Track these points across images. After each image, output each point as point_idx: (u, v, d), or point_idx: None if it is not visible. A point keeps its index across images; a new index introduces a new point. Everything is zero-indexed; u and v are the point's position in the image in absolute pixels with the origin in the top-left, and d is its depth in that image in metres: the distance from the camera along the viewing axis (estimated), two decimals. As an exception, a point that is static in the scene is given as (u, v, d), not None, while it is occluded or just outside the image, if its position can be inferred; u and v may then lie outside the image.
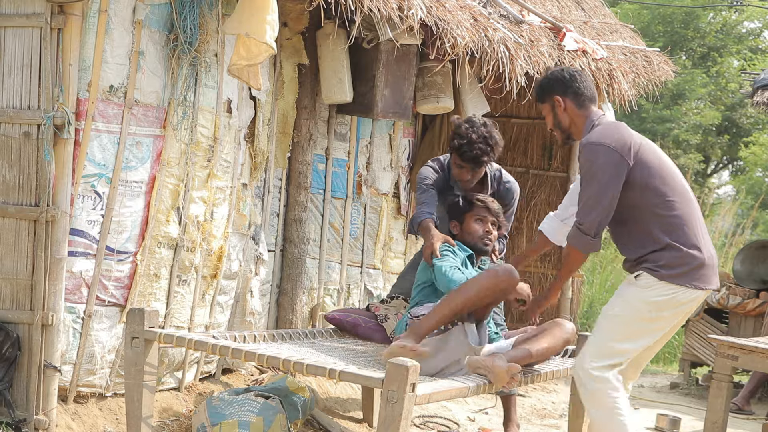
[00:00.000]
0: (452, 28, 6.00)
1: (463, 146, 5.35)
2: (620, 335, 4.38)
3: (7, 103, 4.72)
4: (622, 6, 19.42)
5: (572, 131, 4.55)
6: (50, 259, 4.69)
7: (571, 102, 4.50)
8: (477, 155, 5.34)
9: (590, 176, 4.32)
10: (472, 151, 5.33)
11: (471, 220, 5.26)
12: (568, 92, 4.51)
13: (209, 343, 4.55)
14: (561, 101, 4.51)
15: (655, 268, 4.33)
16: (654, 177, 4.34)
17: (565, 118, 4.52)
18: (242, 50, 4.91)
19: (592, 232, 4.39)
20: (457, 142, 5.38)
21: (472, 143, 5.34)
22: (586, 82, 4.55)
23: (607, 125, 4.43)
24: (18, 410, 4.70)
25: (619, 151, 4.29)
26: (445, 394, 4.34)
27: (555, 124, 4.56)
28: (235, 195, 5.54)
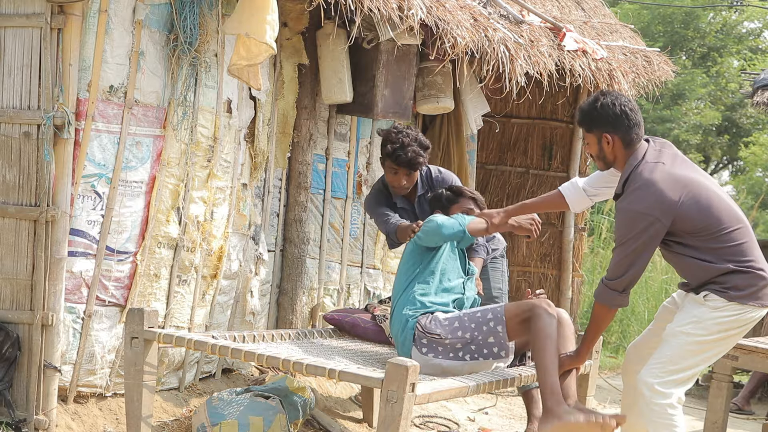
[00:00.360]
0: (452, 28, 6.00)
1: (397, 150, 5.41)
2: (690, 354, 4.33)
3: (7, 103, 4.73)
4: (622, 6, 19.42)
5: (615, 165, 4.46)
6: (50, 259, 4.69)
7: (619, 141, 4.38)
8: (412, 158, 5.40)
9: (625, 239, 4.26)
10: (407, 155, 5.39)
11: (457, 212, 5.15)
12: (619, 131, 4.38)
13: (209, 343, 4.55)
14: (610, 138, 4.39)
15: (723, 290, 4.28)
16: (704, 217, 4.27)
17: (610, 154, 4.42)
18: (242, 50, 4.91)
19: (621, 289, 4.35)
20: (390, 147, 5.44)
21: (405, 146, 5.40)
22: (637, 117, 4.41)
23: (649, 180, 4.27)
24: (18, 410, 4.70)
25: (659, 217, 4.22)
26: (444, 394, 4.34)
27: (599, 155, 4.46)
28: (235, 195, 5.54)
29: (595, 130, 4.40)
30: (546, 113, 8.40)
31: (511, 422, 6.67)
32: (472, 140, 7.42)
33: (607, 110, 4.37)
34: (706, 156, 21.26)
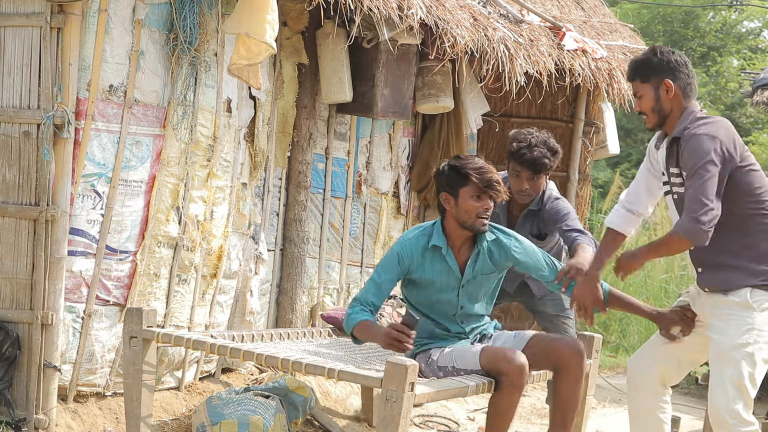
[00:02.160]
0: (452, 28, 6.00)
1: (522, 148, 5.16)
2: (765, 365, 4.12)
3: (7, 102, 4.73)
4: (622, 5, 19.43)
5: (668, 120, 4.23)
6: (50, 258, 4.69)
7: (679, 90, 4.19)
8: (537, 158, 5.13)
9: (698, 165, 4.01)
10: (532, 154, 5.14)
11: (467, 195, 4.50)
12: (680, 79, 4.21)
13: (208, 342, 4.56)
14: (671, 86, 4.18)
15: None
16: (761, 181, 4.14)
17: (667, 104, 4.20)
18: (242, 50, 4.91)
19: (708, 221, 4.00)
20: (516, 145, 5.19)
21: (531, 146, 5.15)
22: (693, 72, 4.29)
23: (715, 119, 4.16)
24: (18, 409, 4.70)
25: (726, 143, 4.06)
26: (443, 394, 4.35)
27: (654, 108, 4.22)
28: (234, 194, 5.54)
29: (654, 78, 4.20)
30: (546, 113, 8.40)
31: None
32: (471, 140, 7.43)
33: (668, 57, 4.23)
34: (705, 155, 21.23)
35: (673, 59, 4.22)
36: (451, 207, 4.54)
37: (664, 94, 4.20)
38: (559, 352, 4.55)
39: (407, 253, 4.54)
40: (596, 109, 8.25)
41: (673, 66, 4.21)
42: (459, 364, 4.54)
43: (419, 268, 4.56)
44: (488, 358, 4.46)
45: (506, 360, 4.39)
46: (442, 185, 4.57)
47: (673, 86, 4.19)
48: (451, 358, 4.56)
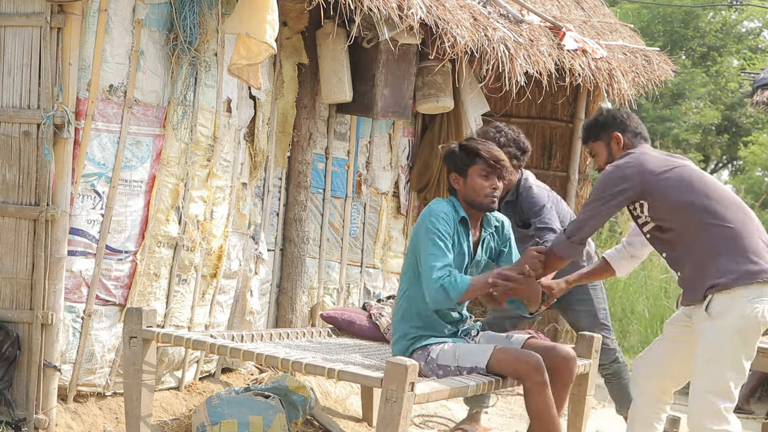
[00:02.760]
0: (452, 28, 6.00)
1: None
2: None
3: (7, 102, 4.73)
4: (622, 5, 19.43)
5: None
6: (50, 258, 4.69)
7: (628, 140, 4.53)
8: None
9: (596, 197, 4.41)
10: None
11: (476, 174, 4.60)
12: (627, 131, 4.55)
13: (207, 342, 4.56)
14: (619, 137, 4.53)
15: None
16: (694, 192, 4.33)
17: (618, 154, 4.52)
18: (242, 50, 4.91)
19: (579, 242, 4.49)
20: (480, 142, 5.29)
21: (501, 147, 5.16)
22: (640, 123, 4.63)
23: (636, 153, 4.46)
24: (18, 409, 4.70)
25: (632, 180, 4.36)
26: (444, 394, 4.34)
27: (608, 161, 4.53)
28: (234, 194, 5.54)
29: (603, 134, 4.56)
30: (546, 113, 8.40)
31: (511, 422, 6.68)
32: (471, 140, 7.43)
33: (612, 113, 4.60)
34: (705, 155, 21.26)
35: (618, 114, 4.61)
36: (461, 186, 4.64)
37: (615, 146, 4.56)
38: (553, 359, 4.55)
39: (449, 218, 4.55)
40: (596, 109, 8.25)
41: (619, 119, 4.58)
42: (463, 362, 4.52)
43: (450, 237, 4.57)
44: (501, 360, 4.48)
45: (521, 361, 4.44)
46: (453, 165, 4.67)
47: (622, 137, 4.54)
48: (454, 356, 4.54)
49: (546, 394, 4.41)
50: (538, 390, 4.41)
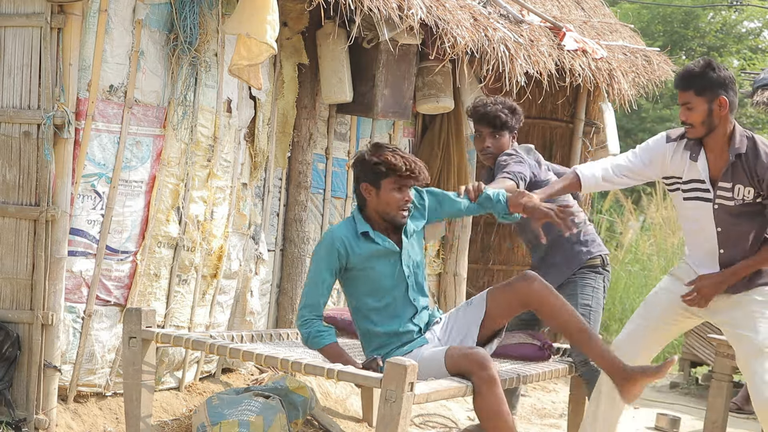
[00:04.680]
0: (452, 28, 6.00)
1: (478, 106, 5.29)
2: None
3: (7, 102, 4.73)
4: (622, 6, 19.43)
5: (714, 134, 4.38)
6: (50, 258, 4.69)
7: (729, 106, 4.34)
8: (490, 112, 5.22)
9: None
10: (486, 108, 5.24)
11: (389, 187, 4.40)
12: (731, 96, 4.35)
13: (207, 342, 4.55)
14: (725, 102, 4.33)
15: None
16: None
17: (717, 120, 4.34)
18: (243, 50, 4.91)
19: None
20: (472, 105, 5.35)
21: (486, 104, 5.27)
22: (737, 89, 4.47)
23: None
24: (18, 410, 4.70)
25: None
26: (443, 394, 4.34)
27: (705, 121, 4.34)
28: (235, 195, 5.54)
29: (710, 92, 4.32)
30: (546, 113, 8.40)
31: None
32: (471, 140, 7.42)
33: (725, 73, 4.34)
34: (705, 155, 21.24)
35: (729, 76, 4.35)
36: (372, 197, 4.45)
37: (717, 110, 4.33)
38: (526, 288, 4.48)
39: (339, 242, 4.41)
40: (596, 109, 8.26)
41: (729, 83, 4.33)
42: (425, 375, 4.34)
43: (353, 254, 4.43)
44: (452, 362, 4.36)
45: (467, 359, 4.28)
46: (364, 175, 4.44)
47: (727, 103, 4.31)
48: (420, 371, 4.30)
49: (495, 391, 4.19)
50: (487, 386, 4.20)
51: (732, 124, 4.38)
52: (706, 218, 4.44)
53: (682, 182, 4.48)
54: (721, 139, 4.38)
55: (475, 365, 4.25)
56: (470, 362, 4.27)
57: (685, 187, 4.48)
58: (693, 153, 4.43)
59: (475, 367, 4.25)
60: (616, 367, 4.46)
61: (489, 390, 4.21)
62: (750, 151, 4.35)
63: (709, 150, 4.41)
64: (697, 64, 4.38)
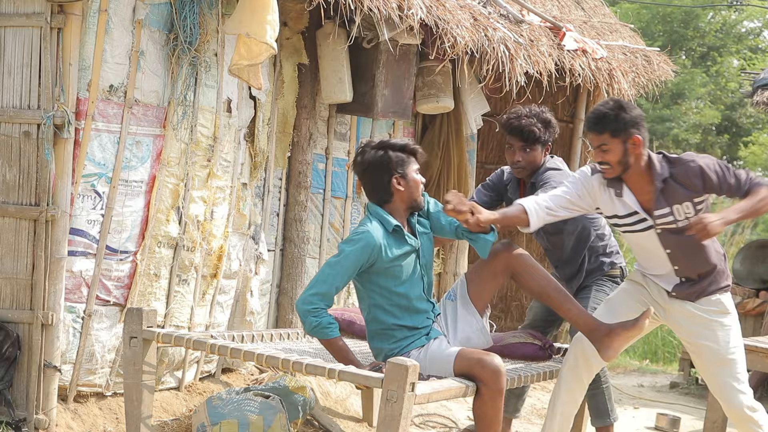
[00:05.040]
0: (452, 28, 6.00)
1: (511, 119, 5.18)
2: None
3: (7, 102, 4.73)
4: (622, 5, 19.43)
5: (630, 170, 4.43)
6: (50, 258, 4.69)
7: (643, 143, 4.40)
8: (524, 126, 5.11)
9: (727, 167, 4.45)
10: (520, 122, 5.13)
11: (412, 171, 4.56)
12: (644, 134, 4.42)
13: (208, 342, 4.55)
14: (639, 141, 4.38)
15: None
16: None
17: (632, 158, 4.40)
18: (243, 50, 4.91)
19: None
20: (506, 117, 5.23)
21: (519, 116, 5.16)
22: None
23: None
24: (18, 409, 4.70)
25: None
26: (444, 394, 4.34)
27: (621, 160, 4.40)
28: (235, 194, 5.54)
29: (623, 133, 4.37)
30: (546, 113, 8.39)
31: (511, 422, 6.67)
32: (472, 140, 7.43)
33: (635, 113, 4.41)
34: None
35: (639, 114, 4.44)
36: (404, 187, 4.54)
37: (632, 148, 4.39)
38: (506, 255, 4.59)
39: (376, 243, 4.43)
40: (596, 104, 8.26)
41: (640, 121, 4.42)
42: (432, 371, 4.45)
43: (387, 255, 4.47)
44: (462, 364, 4.41)
45: (480, 365, 4.35)
46: (392, 170, 4.51)
47: (641, 141, 4.39)
48: (425, 366, 4.44)
49: (498, 403, 4.35)
50: (492, 397, 4.34)
51: (645, 155, 4.43)
52: (653, 243, 4.51)
53: (620, 217, 4.54)
54: (639, 171, 4.43)
55: (489, 375, 4.33)
56: (485, 371, 4.34)
57: (625, 222, 4.53)
58: (617, 189, 4.50)
59: (488, 377, 4.33)
60: (593, 325, 4.53)
61: (492, 400, 4.34)
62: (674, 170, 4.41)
63: (631, 184, 4.47)
64: (608, 106, 4.44)
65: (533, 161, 5.20)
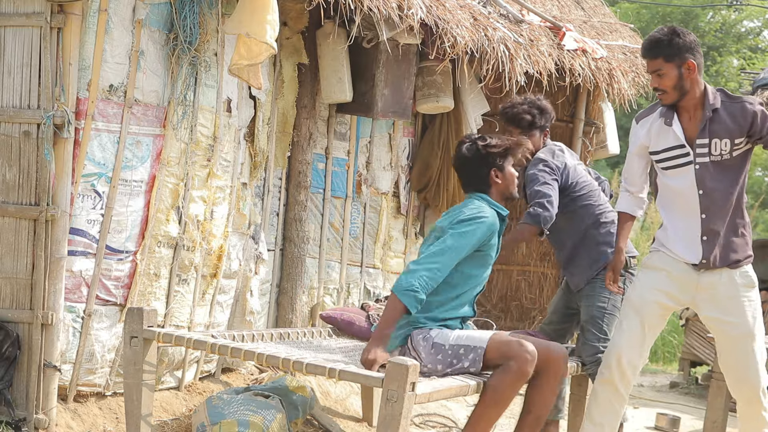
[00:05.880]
0: (452, 28, 6.00)
1: (506, 107, 5.41)
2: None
3: (7, 102, 4.73)
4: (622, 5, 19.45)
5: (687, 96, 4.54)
6: (50, 258, 4.69)
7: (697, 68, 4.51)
8: (517, 113, 5.33)
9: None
10: (513, 109, 5.35)
11: (510, 164, 4.77)
12: (698, 58, 4.53)
13: (208, 342, 4.56)
14: (693, 66, 4.50)
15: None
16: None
17: (688, 83, 4.51)
18: (243, 50, 4.91)
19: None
20: (503, 106, 5.46)
21: (515, 105, 5.38)
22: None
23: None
24: (18, 409, 4.70)
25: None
26: (444, 393, 4.34)
27: (676, 86, 4.51)
28: (235, 194, 5.54)
29: (678, 58, 4.49)
30: (546, 112, 8.38)
31: (511, 422, 6.67)
32: (471, 139, 7.42)
33: (690, 38, 4.52)
34: (705, 155, 21.24)
35: (694, 40, 4.54)
36: (501, 180, 4.71)
37: (687, 73, 4.49)
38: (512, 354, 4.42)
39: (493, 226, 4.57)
40: (596, 109, 8.26)
41: (694, 47, 4.52)
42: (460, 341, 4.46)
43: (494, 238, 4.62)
44: (496, 344, 4.42)
45: (518, 344, 4.38)
46: (492, 162, 4.69)
47: (695, 66, 4.48)
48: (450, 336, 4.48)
49: (517, 386, 4.37)
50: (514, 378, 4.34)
51: (702, 84, 4.55)
52: (688, 183, 4.55)
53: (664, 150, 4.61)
54: (694, 100, 4.54)
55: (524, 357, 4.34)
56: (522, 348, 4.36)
57: (668, 155, 4.60)
58: (667, 119, 4.60)
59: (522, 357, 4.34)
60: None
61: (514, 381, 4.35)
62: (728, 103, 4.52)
63: (683, 112, 4.57)
64: (662, 32, 4.54)
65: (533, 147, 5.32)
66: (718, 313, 4.56)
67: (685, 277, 4.58)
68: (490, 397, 4.37)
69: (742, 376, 4.56)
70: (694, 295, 4.59)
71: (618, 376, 4.69)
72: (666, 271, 4.62)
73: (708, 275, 4.55)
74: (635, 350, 4.68)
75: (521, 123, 5.35)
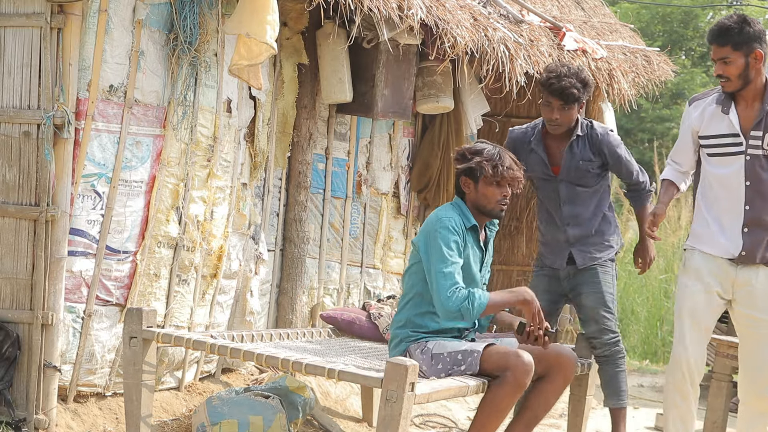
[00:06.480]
0: (452, 28, 6.00)
1: (551, 78, 5.17)
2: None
3: (7, 102, 4.73)
4: (622, 5, 19.44)
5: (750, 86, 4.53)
6: (50, 258, 4.69)
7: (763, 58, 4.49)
8: (565, 87, 5.11)
9: None
10: (561, 83, 5.13)
11: (488, 182, 4.56)
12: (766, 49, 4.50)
13: (208, 342, 4.56)
14: (761, 56, 4.48)
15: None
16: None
17: (753, 72, 4.50)
18: (243, 50, 4.91)
19: None
20: (546, 75, 5.23)
21: (560, 76, 5.16)
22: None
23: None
24: (18, 410, 4.70)
25: None
26: (444, 394, 4.34)
27: (741, 74, 4.50)
28: (235, 194, 5.54)
29: (746, 47, 4.47)
30: (546, 113, 8.38)
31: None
32: (472, 140, 7.42)
33: (759, 27, 4.50)
34: (705, 155, 21.25)
35: (762, 29, 4.51)
36: (471, 191, 4.60)
37: (753, 62, 4.49)
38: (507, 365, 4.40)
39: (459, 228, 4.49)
40: (596, 109, 8.25)
41: (763, 37, 4.50)
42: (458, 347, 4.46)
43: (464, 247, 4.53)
44: (493, 356, 4.40)
45: (515, 355, 4.35)
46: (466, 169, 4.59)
47: (763, 56, 4.48)
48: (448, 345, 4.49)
49: (514, 398, 4.36)
50: (512, 388, 4.32)
51: (764, 75, 4.53)
52: (736, 173, 4.54)
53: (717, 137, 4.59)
54: (755, 90, 4.54)
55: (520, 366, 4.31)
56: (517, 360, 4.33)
57: (720, 142, 4.59)
58: (724, 107, 4.59)
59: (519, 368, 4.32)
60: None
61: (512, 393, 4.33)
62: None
63: (741, 101, 4.56)
64: (732, 19, 4.52)
65: (570, 119, 5.24)
66: (752, 310, 4.57)
67: (723, 275, 4.60)
68: (488, 408, 4.39)
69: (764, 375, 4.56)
70: (732, 291, 4.61)
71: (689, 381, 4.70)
72: (707, 269, 4.63)
73: (745, 271, 4.55)
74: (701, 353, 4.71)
75: (568, 98, 5.15)
